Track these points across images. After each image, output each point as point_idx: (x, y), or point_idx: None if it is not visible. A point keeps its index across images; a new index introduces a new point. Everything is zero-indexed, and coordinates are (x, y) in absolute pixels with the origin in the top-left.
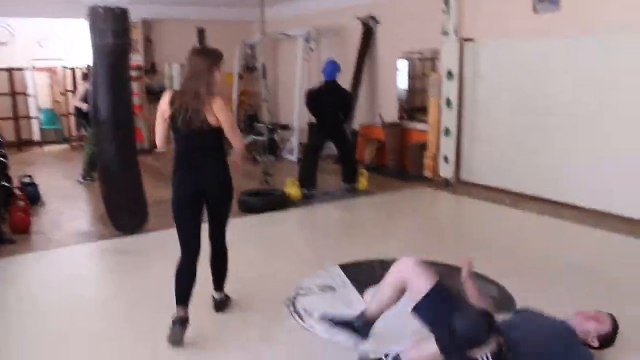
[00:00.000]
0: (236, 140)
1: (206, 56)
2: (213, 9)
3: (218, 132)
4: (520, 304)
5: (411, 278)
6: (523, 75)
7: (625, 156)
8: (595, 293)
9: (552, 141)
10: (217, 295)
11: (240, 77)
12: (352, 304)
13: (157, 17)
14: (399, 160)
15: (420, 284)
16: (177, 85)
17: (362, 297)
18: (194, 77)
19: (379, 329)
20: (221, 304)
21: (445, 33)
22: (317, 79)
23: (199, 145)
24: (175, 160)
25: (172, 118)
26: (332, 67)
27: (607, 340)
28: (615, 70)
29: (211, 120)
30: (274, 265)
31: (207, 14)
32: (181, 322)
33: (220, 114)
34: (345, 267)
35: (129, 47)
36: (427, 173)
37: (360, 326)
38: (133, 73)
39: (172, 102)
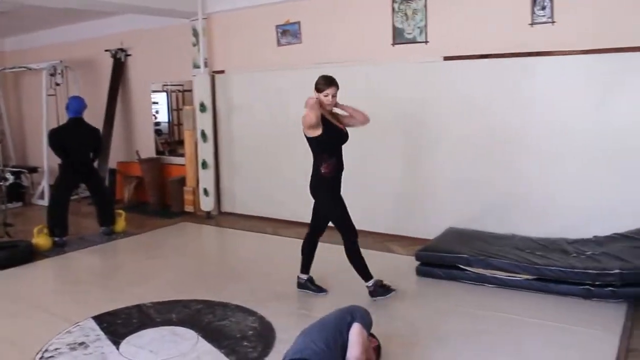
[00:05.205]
0: None
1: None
2: None
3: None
4: (280, 331)
5: None
6: (272, 105)
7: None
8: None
9: (300, 166)
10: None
11: None
12: (107, 359)
13: None
14: (160, 197)
15: None
16: None
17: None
18: None
19: None
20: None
21: (196, 66)
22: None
23: None
24: None
25: None
26: (76, 104)
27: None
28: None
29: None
30: (17, 328)
31: None
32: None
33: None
34: (99, 319)
35: None
36: (189, 207)
37: None
38: None
39: None
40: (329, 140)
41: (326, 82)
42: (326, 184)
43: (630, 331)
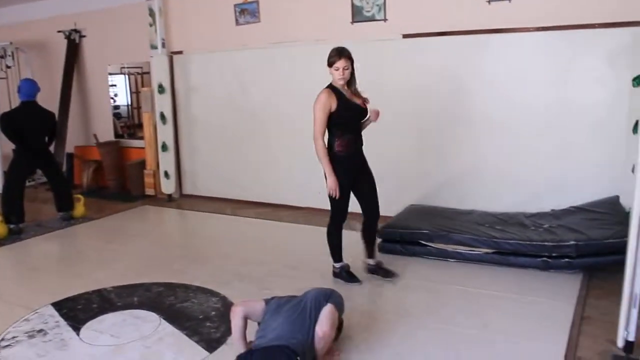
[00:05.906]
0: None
1: None
2: None
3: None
4: None
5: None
6: (231, 85)
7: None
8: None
9: (262, 147)
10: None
11: None
12: (67, 345)
13: None
14: (119, 181)
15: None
16: None
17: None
18: None
19: None
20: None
21: (153, 46)
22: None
23: None
24: None
25: None
26: (28, 87)
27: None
28: (305, 75)
29: None
30: None
31: None
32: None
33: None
34: (58, 305)
35: None
36: (149, 191)
37: None
38: None
39: None
40: (342, 116)
41: (336, 54)
42: (338, 162)
43: (585, 300)
